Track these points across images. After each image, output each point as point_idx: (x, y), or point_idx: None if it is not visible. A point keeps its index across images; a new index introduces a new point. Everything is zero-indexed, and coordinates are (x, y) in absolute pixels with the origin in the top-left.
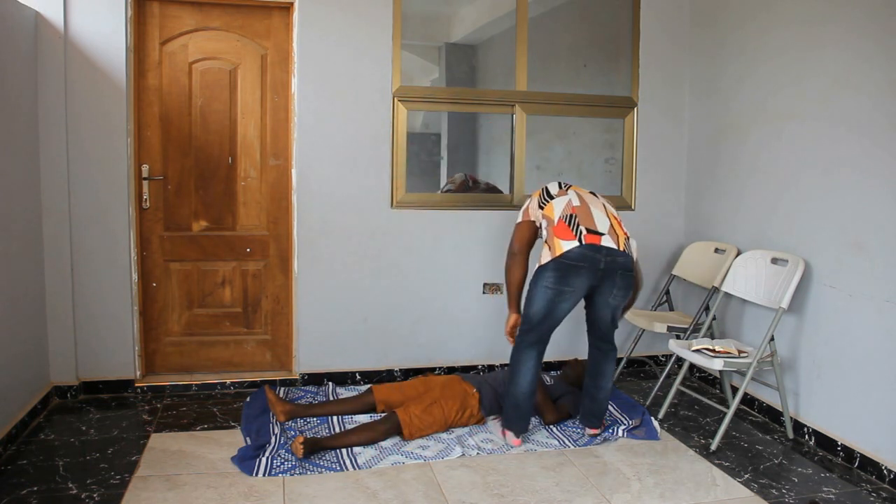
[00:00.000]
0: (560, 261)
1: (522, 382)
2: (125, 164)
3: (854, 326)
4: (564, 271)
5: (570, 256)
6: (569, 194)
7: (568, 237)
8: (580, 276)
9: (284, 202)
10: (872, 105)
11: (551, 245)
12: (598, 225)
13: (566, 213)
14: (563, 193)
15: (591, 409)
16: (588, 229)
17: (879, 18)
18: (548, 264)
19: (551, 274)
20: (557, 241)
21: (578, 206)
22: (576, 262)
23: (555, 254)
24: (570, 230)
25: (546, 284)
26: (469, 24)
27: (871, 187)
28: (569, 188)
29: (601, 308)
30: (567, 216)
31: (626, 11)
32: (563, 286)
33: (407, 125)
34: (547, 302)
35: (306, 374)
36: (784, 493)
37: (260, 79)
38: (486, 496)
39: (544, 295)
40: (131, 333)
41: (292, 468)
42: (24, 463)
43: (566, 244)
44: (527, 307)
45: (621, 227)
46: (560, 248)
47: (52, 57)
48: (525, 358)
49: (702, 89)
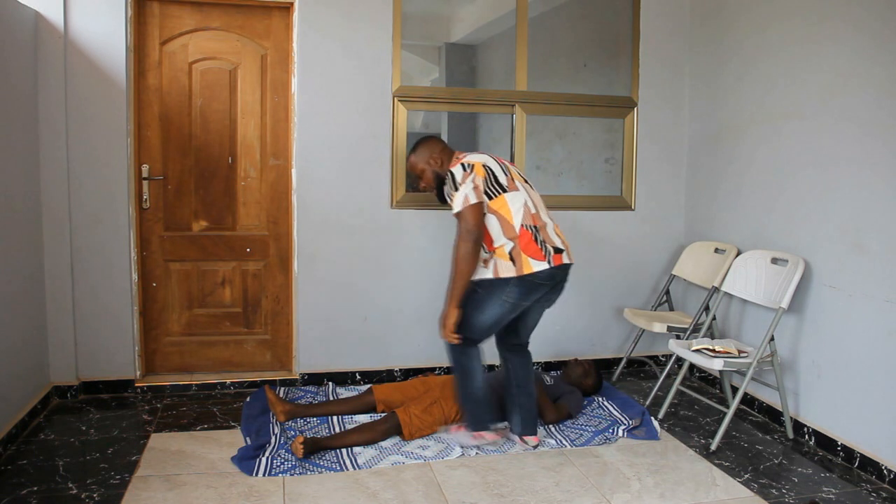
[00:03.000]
0: (527, 278)
1: (478, 377)
2: (125, 164)
3: (854, 326)
4: (529, 288)
5: (540, 277)
6: (520, 189)
7: (538, 257)
8: (540, 291)
9: (284, 202)
10: (874, 103)
11: (516, 260)
12: (555, 240)
13: (527, 222)
14: (514, 186)
15: (529, 416)
16: (554, 248)
17: (880, 15)
18: (511, 279)
19: (514, 289)
20: (526, 260)
21: (536, 212)
22: (542, 282)
23: (522, 271)
24: (538, 248)
25: (506, 298)
26: (469, 24)
27: (871, 187)
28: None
29: (532, 315)
30: (529, 227)
31: (627, 11)
32: (524, 301)
33: (407, 125)
34: (501, 315)
35: (306, 374)
36: (784, 493)
37: (260, 79)
38: (486, 496)
39: (500, 308)
40: (131, 333)
41: (292, 468)
42: (24, 463)
43: (537, 265)
44: (472, 317)
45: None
46: (529, 267)
47: (52, 57)
48: (473, 357)
49: (702, 89)
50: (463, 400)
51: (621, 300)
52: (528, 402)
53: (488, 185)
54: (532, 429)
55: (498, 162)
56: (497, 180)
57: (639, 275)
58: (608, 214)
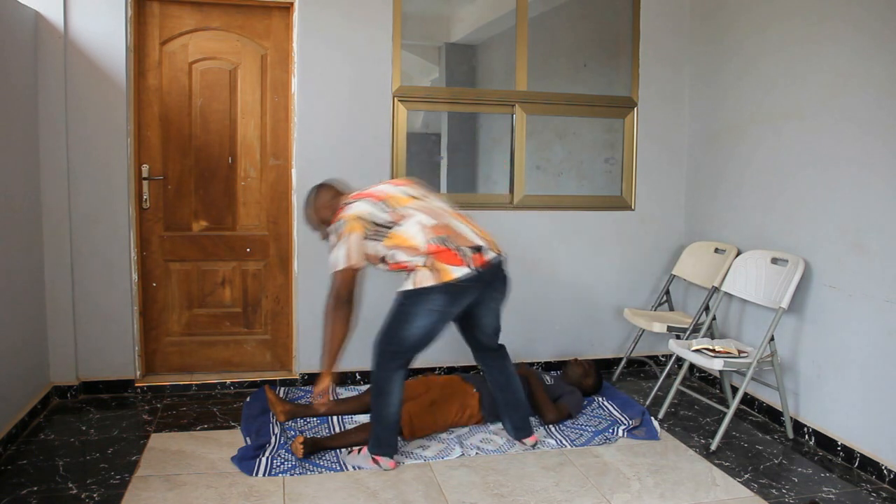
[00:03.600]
0: (449, 285)
1: (394, 403)
2: (125, 164)
3: (854, 326)
4: (455, 294)
5: (463, 282)
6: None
7: (456, 262)
8: (468, 294)
9: (284, 202)
10: (874, 103)
11: (436, 269)
12: (471, 238)
13: (430, 236)
14: (400, 216)
15: (522, 417)
16: (470, 248)
17: (880, 15)
18: (433, 287)
19: (439, 297)
20: (445, 268)
21: (436, 223)
22: (467, 285)
23: (442, 279)
24: (453, 254)
25: (433, 307)
26: (469, 24)
27: (871, 186)
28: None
29: (486, 316)
30: (435, 240)
31: (627, 11)
32: (452, 308)
33: (407, 125)
34: (431, 325)
35: (306, 374)
36: (784, 493)
37: (260, 79)
38: (486, 496)
39: (429, 318)
40: (131, 333)
41: (292, 468)
42: (24, 463)
43: (457, 270)
44: (399, 328)
45: (478, 226)
46: (449, 274)
47: (52, 57)
48: (396, 379)
49: (702, 89)
50: (373, 419)
51: (621, 300)
52: (516, 404)
53: (372, 234)
54: (526, 431)
55: (376, 200)
56: (378, 224)
57: (639, 275)
58: (608, 214)
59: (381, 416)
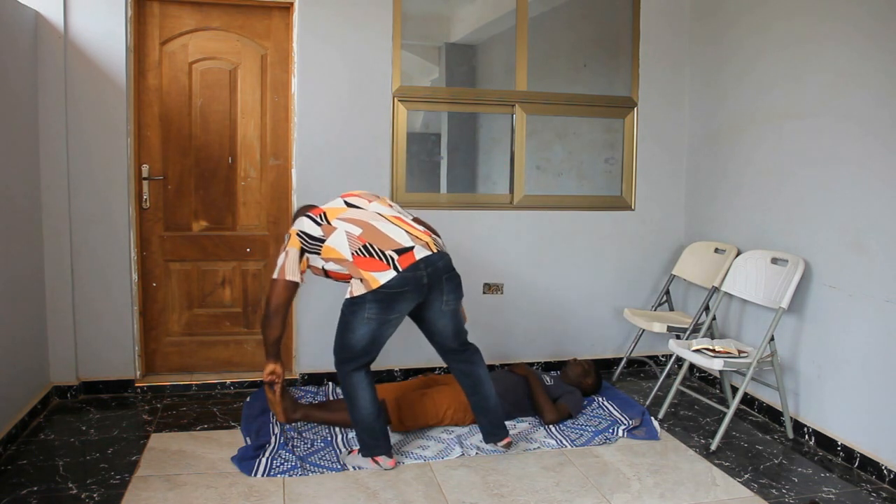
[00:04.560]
0: (380, 291)
1: (364, 405)
2: (125, 164)
3: (854, 326)
4: (387, 301)
5: (391, 286)
6: (338, 227)
7: (380, 268)
8: (405, 300)
9: (284, 202)
10: (874, 102)
11: (363, 278)
12: (399, 241)
13: (356, 246)
14: (330, 229)
15: (492, 420)
16: (396, 251)
17: (880, 15)
18: (365, 295)
19: (372, 305)
20: (370, 276)
21: (362, 232)
22: (398, 289)
23: (369, 286)
24: (377, 261)
25: (368, 316)
26: (469, 24)
27: (871, 186)
28: (327, 219)
29: (437, 320)
30: (360, 249)
31: (626, 11)
32: (388, 315)
33: (407, 125)
34: (371, 332)
35: (306, 374)
36: (784, 493)
37: (260, 79)
38: (486, 496)
39: (368, 325)
40: (131, 333)
41: (292, 468)
42: (24, 463)
43: (382, 276)
44: (344, 337)
45: (416, 228)
46: (376, 281)
47: (52, 57)
48: (357, 381)
49: (702, 89)
50: (353, 425)
51: (621, 300)
52: (485, 408)
53: (310, 248)
54: (496, 435)
55: (315, 214)
56: (313, 238)
57: (639, 275)
58: (608, 214)
59: (356, 420)
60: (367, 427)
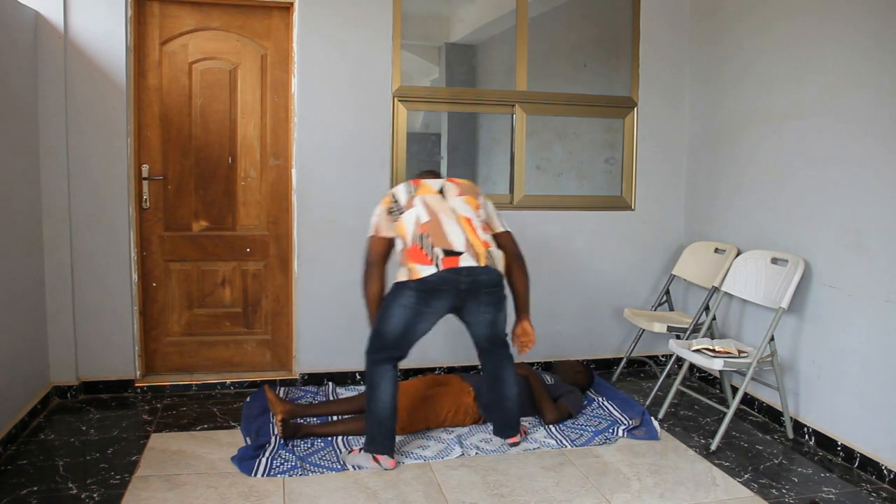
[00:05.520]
0: (421, 282)
1: (383, 398)
2: (125, 164)
3: (854, 326)
4: (426, 293)
5: (430, 281)
6: (415, 206)
7: (424, 262)
8: (441, 298)
9: (284, 202)
10: (874, 102)
11: (409, 268)
12: (453, 243)
13: (417, 233)
14: (410, 204)
15: (503, 419)
16: (445, 251)
17: (880, 15)
18: (407, 283)
19: (412, 294)
20: (414, 266)
21: (428, 221)
22: (436, 286)
23: (413, 276)
24: (424, 254)
25: (404, 303)
26: (469, 24)
27: (871, 186)
28: (415, 192)
29: (474, 326)
30: (419, 237)
31: (626, 11)
32: (424, 307)
33: (407, 125)
34: (404, 321)
35: (306, 374)
36: (784, 493)
37: (260, 79)
38: (486, 496)
39: (402, 314)
40: (131, 333)
41: (292, 468)
42: (24, 463)
43: (424, 269)
44: (381, 323)
45: (478, 237)
46: (417, 272)
47: (52, 57)
48: (381, 372)
49: (702, 89)
50: (366, 415)
51: (621, 300)
52: (502, 406)
53: (391, 211)
54: (506, 432)
55: (411, 183)
56: (397, 204)
57: (639, 275)
58: (608, 214)
59: (371, 411)
60: (378, 421)
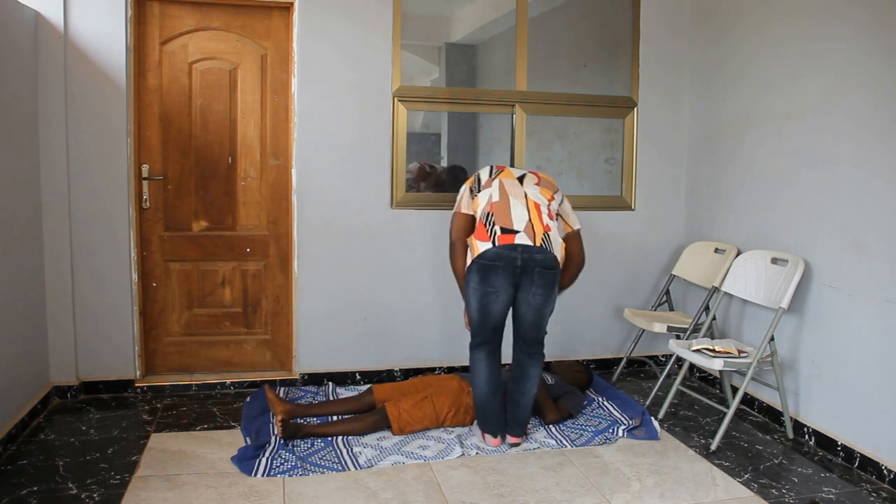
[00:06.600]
0: (478, 261)
1: (479, 383)
2: (125, 164)
3: (854, 326)
4: (484, 272)
5: (487, 257)
6: (492, 186)
7: (483, 238)
8: (499, 275)
9: (284, 202)
10: (874, 102)
11: (471, 245)
12: (514, 222)
13: (485, 211)
14: (488, 185)
15: (514, 414)
16: (503, 228)
17: (880, 15)
18: (471, 265)
19: (474, 275)
20: (475, 243)
21: (497, 201)
22: (492, 262)
23: (474, 254)
24: (485, 231)
25: (472, 286)
26: (469, 24)
27: (871, 186)
28: (497, 175)
29: (522, 305)
30: (486, 215)
31: (627, 11)
32: (486, 287)
33: (407, 125)
34: (478, 303)
35: (306, 374)
36: (784, 493)
37: (260, 79)
38: (486, 496)
39: (474, 296)
40: (131, 333)
41: (292, 468)
42: (24, 463)
43: (482, 245)
44: (467, 310)
45: (541, 221)
46: (477, 249)
47: (52, 57)
48: (475, 359)
49: (702, 89)
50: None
51: (621, 300)
52: (517, 399)
53: (472, 189)
54: (514, 428)
55: (494, 167)
56: (480, 181)
57: (639, 275)
58: (608, 214)
59: (474, 396)
60: (480, 404)
